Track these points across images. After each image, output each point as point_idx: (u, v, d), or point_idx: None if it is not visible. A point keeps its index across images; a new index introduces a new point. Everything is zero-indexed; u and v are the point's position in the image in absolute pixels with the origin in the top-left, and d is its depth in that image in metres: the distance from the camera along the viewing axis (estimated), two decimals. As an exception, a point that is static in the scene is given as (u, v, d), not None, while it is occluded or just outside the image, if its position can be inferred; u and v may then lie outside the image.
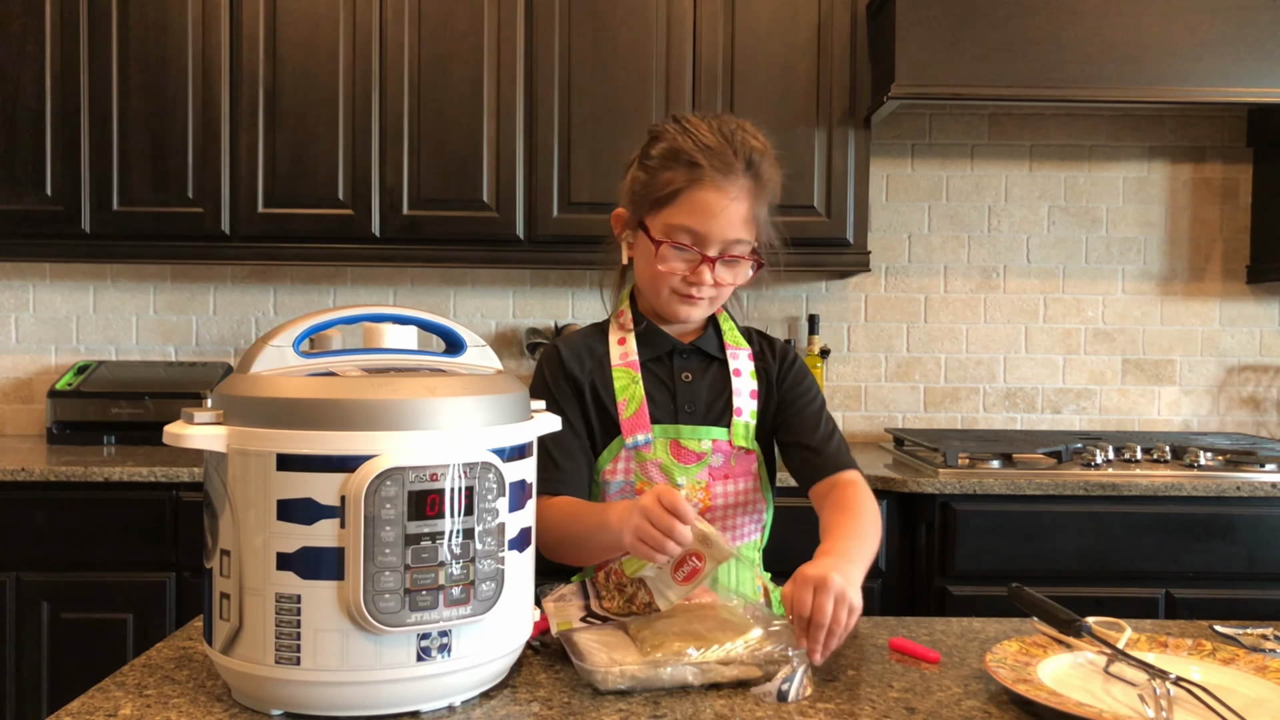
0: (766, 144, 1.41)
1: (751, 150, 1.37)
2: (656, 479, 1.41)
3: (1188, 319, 3.14)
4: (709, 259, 1.37)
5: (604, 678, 1.05)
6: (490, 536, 0.98)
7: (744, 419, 1.44)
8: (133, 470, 2.38)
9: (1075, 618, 1.14)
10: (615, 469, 1.42)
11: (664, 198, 1.37)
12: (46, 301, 3.06)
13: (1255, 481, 2.38)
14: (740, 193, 1.36)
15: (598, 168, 2.71)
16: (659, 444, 1.41)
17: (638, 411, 1.42)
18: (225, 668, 0.99)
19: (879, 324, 3.13)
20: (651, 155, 1.41)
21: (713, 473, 1.42)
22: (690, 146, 1.36)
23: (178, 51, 2.69)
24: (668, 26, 2.71)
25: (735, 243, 1.37)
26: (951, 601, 2.38)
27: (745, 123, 1.42)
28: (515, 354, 3.08)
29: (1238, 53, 2.54)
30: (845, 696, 1.06)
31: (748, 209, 1.37)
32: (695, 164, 1.35)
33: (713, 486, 1.42)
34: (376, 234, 2.71)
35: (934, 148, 3.11)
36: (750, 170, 1.37)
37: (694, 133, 1.37)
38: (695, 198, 1.35)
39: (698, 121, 1.40)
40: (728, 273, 1.40)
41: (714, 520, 1.42)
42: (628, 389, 1.43)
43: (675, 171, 1.37)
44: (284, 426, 0.94)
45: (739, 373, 1.47)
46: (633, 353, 1.45)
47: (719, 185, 1.35)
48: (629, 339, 1.46)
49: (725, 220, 1.35)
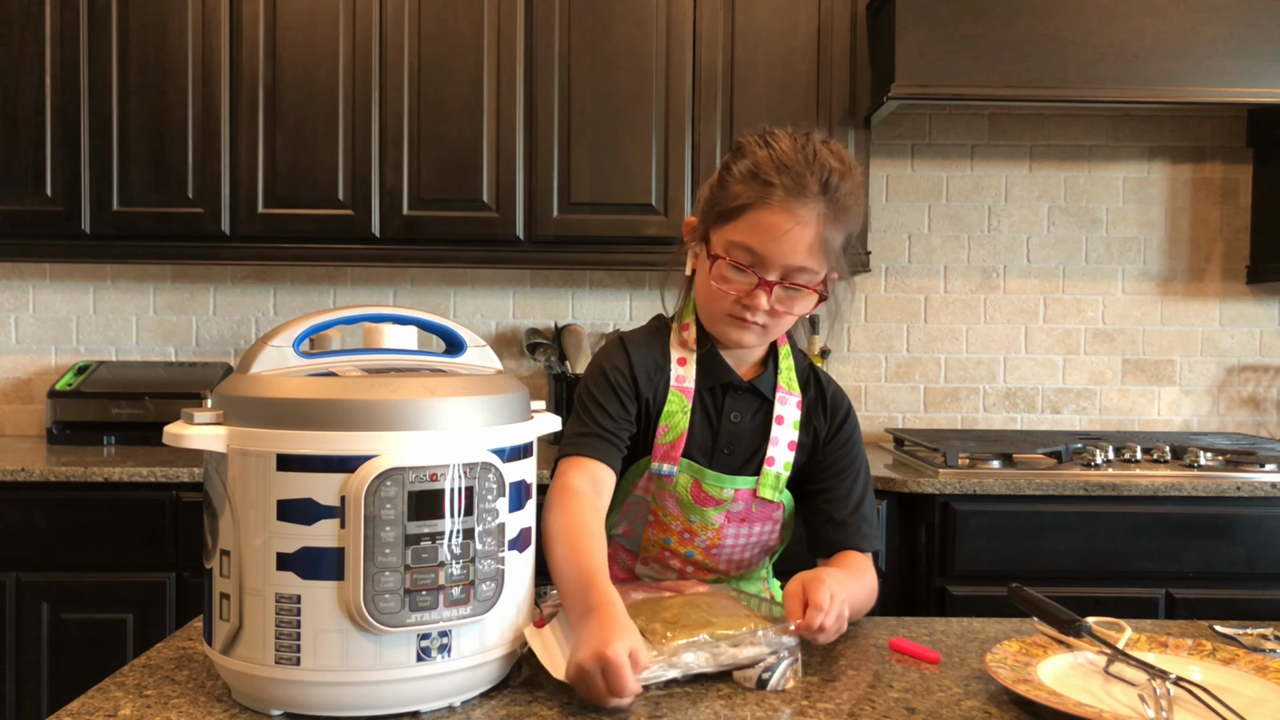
0: (852, 166, 1.30)
1: (830, 171, 1.26)
2: (672, 511, 1.38)
3: (1188, 319, 3.14)
4: (767, 283, 1.27)
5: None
6: (490, 537, 0.98)
7: (776, 469, 1.38)
8: (133, 470, 2.38)
9: (1075, 618, 1.14)
10: (639, 484, 1.39)
11: (729, 211, 1.29)
12: (46, 302, 3.06)
13: (1255, 481, 2.38)
14: (811, 217, 1.25)
15: (598, 168, 2.71)
16: (682, 478, 1.37)
17: (674, 442, 1.36)
18: (225, 668, 0.99)
19: (879, 324, 3.13)
20: (730, 167, 1.32)
21: (730, 517, 1.37)
22: (765, 161, 1.27)
23: (178, 52, 2.69)
24: (668, 26, 2.71)
25: (799, 270, 1.27)
26: (951, 601, 2.38)
27: (834, 143, 1.32)
28: (515, 354, 3.08)
29: (1238, 53, 2.54)
30: (845, 696, 1.06)
31: (816, 234, 1.26)
32: (767, 181, 1.26)
33: (725, 528, 1.38)
34: (376, 234, 2.71)
35: (934, 148, 3.11)
36: (826, 193, 1.26)
37: (773, 146, 1.28)
38: (761, 217, 1.26)
39: (782, 135, 1.30)
40: (787, 301, 1.30)
41: (718, 557, 1.40)
42: (673, 416, 1.37)
43: (746, 186, 1.28)
44: (284, 427, 0.94)
45: (781, 420, 1.39)
46: (690, 378, 1.38)
47: (788, 206, 1.25)
48: (690, 361, 1.39)
49: (789, 244, 1.25)
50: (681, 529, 1.38)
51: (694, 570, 1.41)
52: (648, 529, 1.41)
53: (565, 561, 1.14)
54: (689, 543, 1.39)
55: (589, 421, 1.33)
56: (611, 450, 1.32)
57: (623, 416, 1.35)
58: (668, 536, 1.40)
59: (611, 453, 1.32)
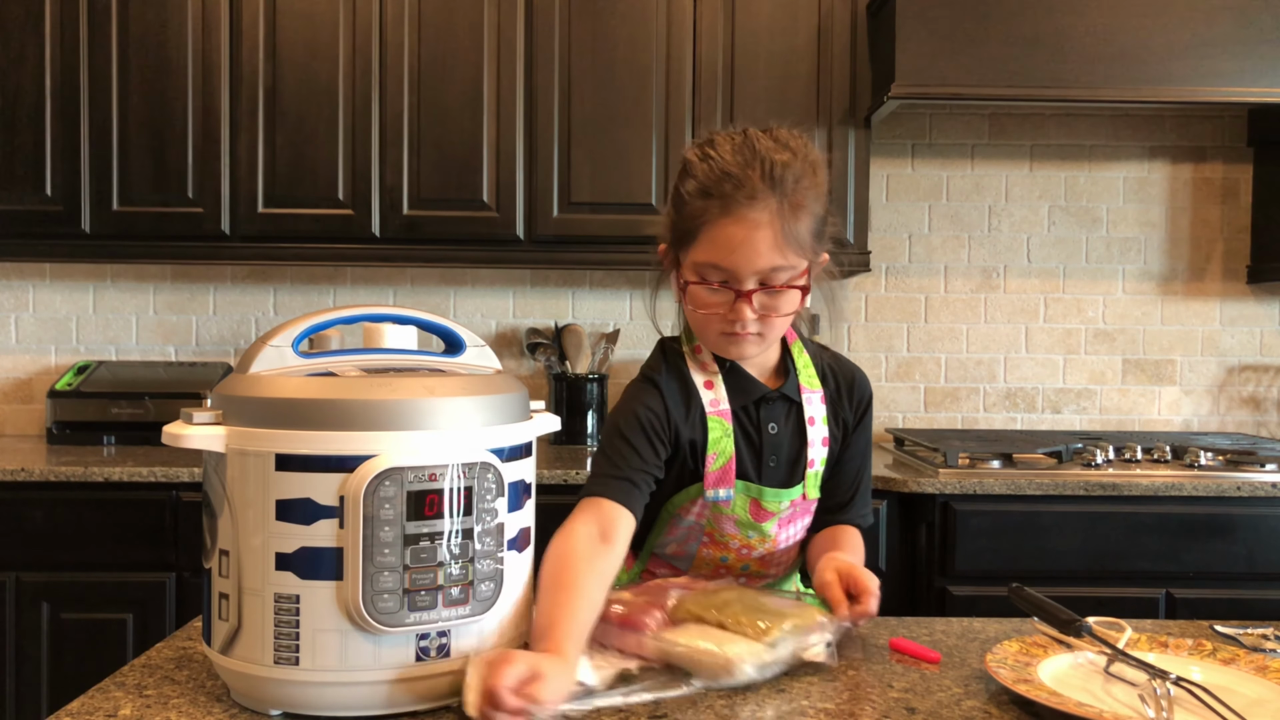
0: (799, 148, 1.26)
1: (773, 164, 1.22)
2: (729, 531, 1.37)
3: (1188, 319, 3.14)
4: (745, 294, 1.24)
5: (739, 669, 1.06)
6: (489, 536, 0.98)
7: (815, 469, 1.39)
8: (133, 470, 2.38)
9: (1075, 618, 1.14)
10: (690, 510, 1.37)
11: (687, 234, 1.26)
12: (46, 301, 3.06)
13: (1255, 481, 2.38)
14: (764, 217, 1.21)
15: (598, 168, 2.71)
16: (739, 500, 1.35)
17: (724, 467, 1.34)
18: (224, 668, 0.99)
19: (879, 324, 3.13)
20: (679, 189, 1.28)
21: (781, 523, 1.38)
22: (707, 175, 1.23)
23: (178, 51, 2.69)
24: (668, 26, 2.71)
25: (772, 271, 1.23)
26: (952, 601, 2.38)
27: (778, 130, 1.28)
28: (515, 354, 3.08)
29: (1238, 53, 2.54)
30: (845, 696, 1.06)
31: (776, 232, 1.21)
32: (712, 194, 1.22)
33: (779, 535, 1.39)
34: (376, 234, 2.71)
35: (934, 148, 3.11)
36: (775, 187, 1.21)
37: (713, 158, 1.24)
38: (716, 232, 1.22)
39: (722, 141, 1.26)
40: (772, 304, 1.26)
41: (770, 563, 1.41)
42: (720, 442, 1.33)
43: (696, 204, 1.24)
44: (283, 426, 0.94)
45: (813, 421, 1.38)
46: (724, 400, 1.35)
47: (738, 215, 1.21)
48: (717, 383, 1.35)
49: (751, 251, 1.21)
50: (739, 545, 1.38)
51: (747, 580, 1.41)
52: (702, 549, 1.40)
53: (538, 607, 1.08)
54: (746, 557, 1.39)
55: (618, 462, 1.28)
56: (634, 494, 1.27)
57: (652, 459, 1.30)
58: (725, 555, 1.39)
59: (634, 496, 1.27)
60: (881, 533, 2.44)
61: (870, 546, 2.38)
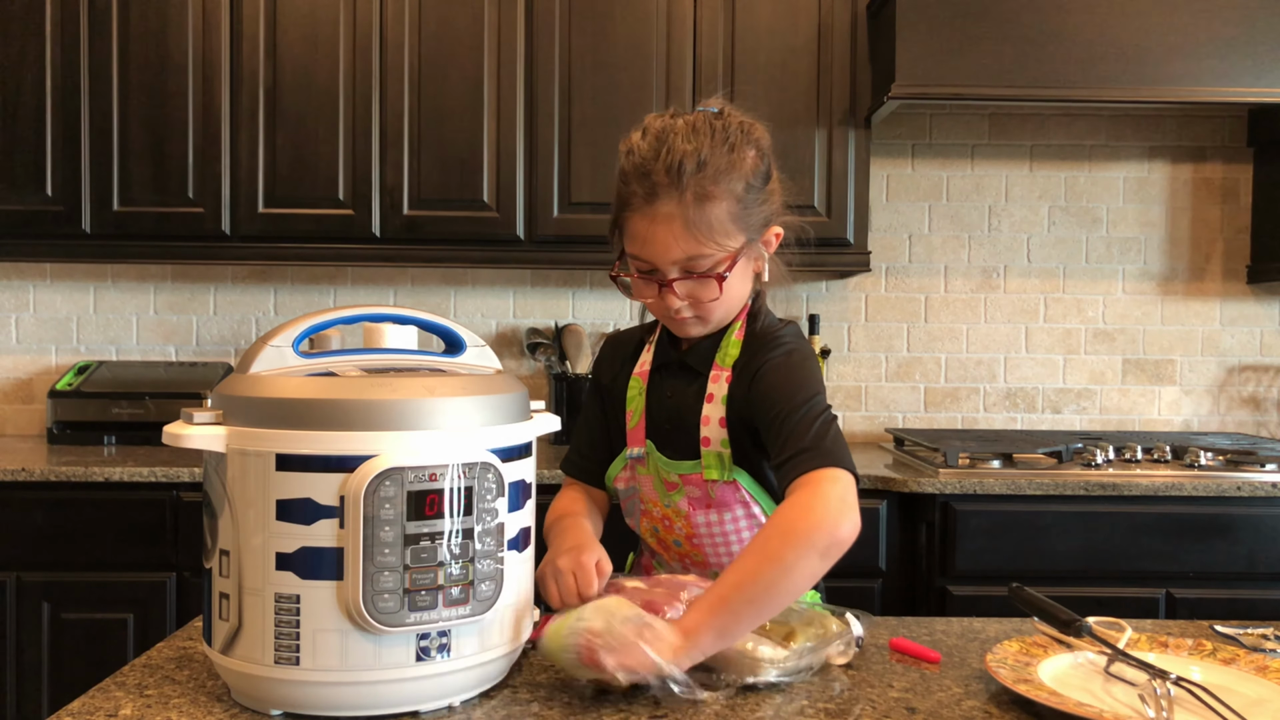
0: (716, 129, 1.25)
1: (679, 156, 1.22)
2: (649, 496, 1.38)
3: (1188, 319, 3.14)
4: (668, 282, 1.27)
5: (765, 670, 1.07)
6: (489, 536, 0.98)
7: (713, 449, 1.31)
8: (133, 470, 2.38)
9: (1075, 618, 1.14)
10: (622, 476, 1.42)
11: (616, 224, 1.31)
12: (47, 301, 3.06)
13: (1255, 481, 2.38)
14: (667, 209, 1.22)
15: (598, 168, 2.71)
16: (651, 460, 1.37)
17: (637, 425, 1.38)
18: (225, 668, 0.99)
19: (879, 324, 3.13)
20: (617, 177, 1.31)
21: (693, 503, 1.33)
22: (626, 169, 1.27)
23: (178, 51, 2.69)
24: (668, 26, 2.71)
25: (690, 260, 1.25)
26: (952, 601, 2.38)
27: (701, 113, 1.28)
28: (515, 354, 3.08)
29: (1238, 53, 2.54)
30: (845, 696, 1.06)
31: (682, 224, 1.22)
32: (629, 184, 1.26)
33: (694, 516, 1.34)
34: (377, 234, 2.71)
35: (934, 148, 3.11)
36: (676, 184, 1.22)
37: (634, 152, 1.26)
38: (631, 226, 1.27)
39: (650, 129, 1.27)
40: (700, 290, 1.27)
41: (704, 548, 1.35)
42: (634, 400, 1.40)
43: (621, 191, 1.28)
44: (283, 426, 0.94)
45: (711, 398, 1.33)
46: (649, 362, 1.41)
47: (642, 210, 1.24)
48: (653, 346, 1.42)
49: (660, 243, 1.24)
50: (660, 515, 1.39)
51: (691, 565, 1.38)
52: (642, 519, 1.42)
53: (546, 524, 1.38)
54: (670, 529, 1.38)
55: (577, 436, 1.52)
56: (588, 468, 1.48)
57: (598, 420, 1.47)
58: (655, 525, 1.40)
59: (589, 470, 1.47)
60: (881, 532, 2.44)
61: (870, 546, 2.42)
